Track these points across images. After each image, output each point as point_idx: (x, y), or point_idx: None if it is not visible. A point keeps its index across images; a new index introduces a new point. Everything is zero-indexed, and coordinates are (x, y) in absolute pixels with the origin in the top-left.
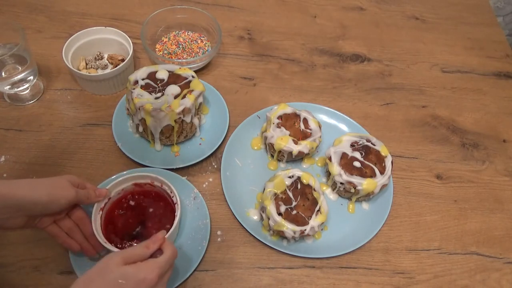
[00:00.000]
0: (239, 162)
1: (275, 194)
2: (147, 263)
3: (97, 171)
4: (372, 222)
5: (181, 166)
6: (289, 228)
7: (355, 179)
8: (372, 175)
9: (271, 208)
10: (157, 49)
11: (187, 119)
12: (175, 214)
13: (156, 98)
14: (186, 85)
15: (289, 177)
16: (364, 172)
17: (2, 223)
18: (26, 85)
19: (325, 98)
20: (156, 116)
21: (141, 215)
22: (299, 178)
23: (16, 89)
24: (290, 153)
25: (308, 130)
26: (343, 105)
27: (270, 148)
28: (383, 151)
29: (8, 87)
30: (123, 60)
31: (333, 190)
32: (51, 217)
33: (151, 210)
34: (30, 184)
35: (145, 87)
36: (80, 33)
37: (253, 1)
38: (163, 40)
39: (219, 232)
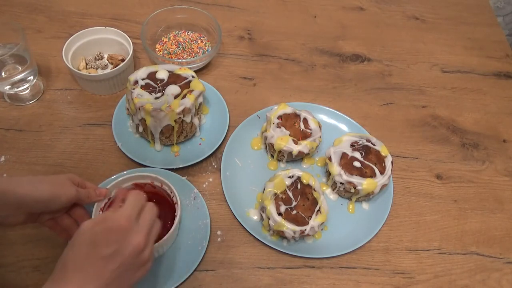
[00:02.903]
0: (239, 162)
1: (275, 194)
2: (111, 214)
3: (97, 171)
4: (372, 222)
5: (181, 166)
6: (289, 228)
7: (355, 179)
8: (372, 175)
9: (271, 208)
10: (157, 49)
11: (187, 119)
12: (175, 214)
13: (156, 98)
14: (186, 85)
15: (289, 177)
16: (364, 172)
17: (1, 220)
18: (26, 85)
19: (325, 98)
20: (156, 116)
21: None
22: (299, 178)
23: (16, 89)
24: (290, 153)
25: (308, 130)
26: (343, 105)
27: (270, 148)
28: (383, 151)
29: (8, 87)
30: (123, 60)
31: (333, 190)
32: (50, 215)
33: None
34: (31, 181)
35: (145, 87)
36: (80, 33)
37: (253, 1)
38: (163, 40)
39: (219, 232)
